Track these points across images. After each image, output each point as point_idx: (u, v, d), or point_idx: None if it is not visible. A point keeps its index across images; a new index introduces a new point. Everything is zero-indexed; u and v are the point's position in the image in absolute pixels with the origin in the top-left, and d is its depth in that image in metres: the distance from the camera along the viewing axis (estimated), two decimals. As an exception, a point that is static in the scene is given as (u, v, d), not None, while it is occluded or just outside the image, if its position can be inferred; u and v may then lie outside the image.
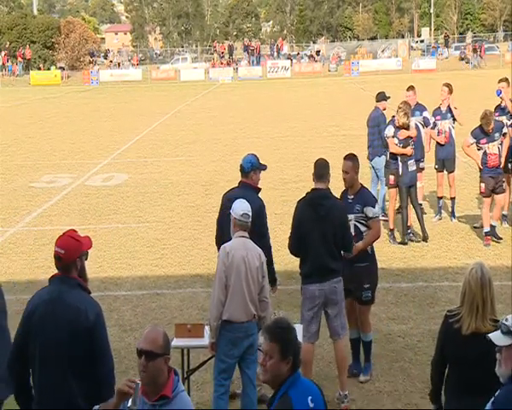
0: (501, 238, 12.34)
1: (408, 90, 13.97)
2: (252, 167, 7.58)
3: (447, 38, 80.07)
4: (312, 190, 7.36)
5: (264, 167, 7.75)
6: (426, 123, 13.58)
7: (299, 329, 7.35)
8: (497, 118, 13.07)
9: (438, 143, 13.78)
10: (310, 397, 4.13)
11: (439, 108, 13.85)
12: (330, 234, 7.24)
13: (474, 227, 13.30)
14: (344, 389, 7.41)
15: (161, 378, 4.24)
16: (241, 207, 6.76)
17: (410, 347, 8.65)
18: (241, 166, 7.67)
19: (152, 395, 4.25)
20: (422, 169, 13.71)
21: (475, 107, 13.88)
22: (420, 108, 13.76)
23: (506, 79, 13.78)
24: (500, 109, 13.44)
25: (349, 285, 7.72)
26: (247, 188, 7.54)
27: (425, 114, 13.72)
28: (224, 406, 6.81)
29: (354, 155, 8.02)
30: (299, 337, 7.16)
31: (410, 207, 12.69)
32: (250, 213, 6.73)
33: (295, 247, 7.45)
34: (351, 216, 7.78)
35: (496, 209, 12.49)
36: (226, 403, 6.84)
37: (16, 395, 5.11)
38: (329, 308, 7.39)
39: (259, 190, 7.68)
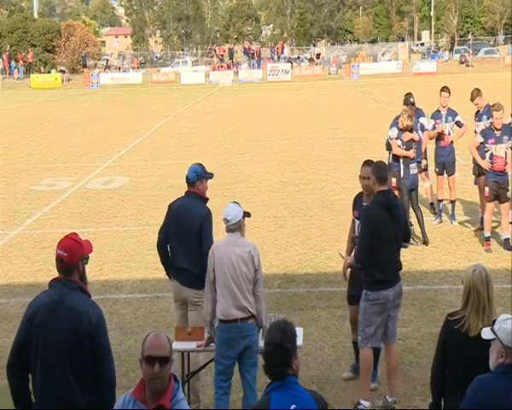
0: None
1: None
2: (197, 177, 7.46)
3: (453, 42, 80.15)
4: (379, 192, 7.26)
5: (210, 176, 7.59)
6: (421, 129, 13.53)
7: (299, 332, 7.36)
8: (476, 123, 13.15)
9: (438, 146, 13.78)
10: (293, 405, 4.13)
11: (439, 110, 13.85)
12: (400, 232, 7.34)
13: (474, 230, 13.31)
14: (393, 394, 7.36)
15: (167, 383, 4.24)
16: (224, 212, 6.82)
17: (411, 350, 8.65)
18: (186, 176, 7.54)
19: (151, 402, 4.23)
20: (426, 170, 13.79)
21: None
22: (417, 113, 13.73)
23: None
24: (479, 115, 13.43)
25: (359, 292, 7.69)
26: (194, 197, 7.48)
27: (421, 120, 13.57)
28: (224, 406, 6.82)
29: (372, 161, 7.85)
30: (300, 340, 7.19)
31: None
32: (229, 217, 6.73)
33: (368, 255, 7.21)
34: None
35: (503, 220, 12.26)
36: (226, 404, 6.86)
37: (15, 398, 5.10)
38: (392, 311, 7.35)
39: (207, 199, 7.56)
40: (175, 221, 7.54)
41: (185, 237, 7.39)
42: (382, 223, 7.16)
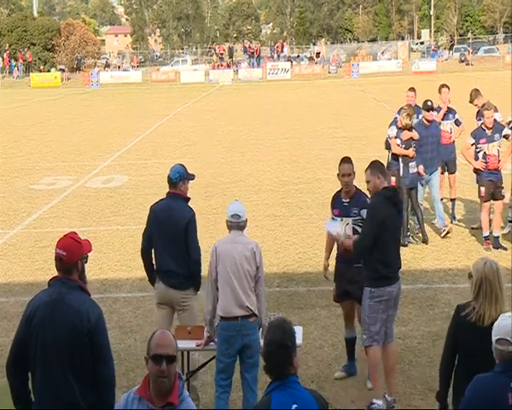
0: (505, 248, 12.05)
1: (409, 90, 14.04)
2: (180, 178, 7.47)
3: (452, 40, 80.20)
4: (384, 188, 7.31)
5: (191, 177, 7.63)
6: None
7: (298, 331, 7.36)
8: (478, 122, 13.14)
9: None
10: (295, 405, 4.13)
11: (440, 107, 13.83)
12: (400, 229, 7.40)
13: (472, 228, 13.30)
14: (392, 393, 7.34)
15: (173, 382, 4.25)
16: (231, 209, 6.82)
17: (410, 349, 8.64)
18: (168, 177, 7.54)
19: (158, 400, 4.23)
20: None
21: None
22: (417, 110, 13.74)
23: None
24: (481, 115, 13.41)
25: (348, 287, 7.75)
26: (176, 198, 7.46)
27: (421, 117, 13.63)
28: (224, 405, 6.82)
29: (350, 158, 8.00)
30: (300, 339, 7.18)
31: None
32: (241, 213, 6.77)
33: (370, 245, 7.16)
34: (348, 220, 7.77)
35: (495, 218, 12.25)
36: (226, 403, 6.86)
37: (15, 398, 5.09)
38: (391, 310, 7.35)
39: (189, 199, 7.59)
40: (159, 223, 7.45)
41: (171, 239, 7.32)
42: (391, 219, 7.21)
